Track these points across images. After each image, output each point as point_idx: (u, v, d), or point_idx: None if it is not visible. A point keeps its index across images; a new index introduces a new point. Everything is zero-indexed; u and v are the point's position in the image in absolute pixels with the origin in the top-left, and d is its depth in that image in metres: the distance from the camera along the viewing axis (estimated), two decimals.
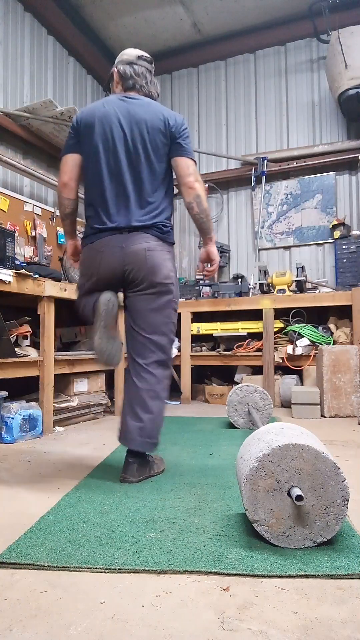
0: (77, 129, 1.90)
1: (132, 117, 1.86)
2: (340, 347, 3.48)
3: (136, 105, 1.89)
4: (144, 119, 1.86)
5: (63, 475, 1.96)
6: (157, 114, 1.88)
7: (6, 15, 3.80)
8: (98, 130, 1.85)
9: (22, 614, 0.96)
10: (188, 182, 1.87)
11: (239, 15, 4.62)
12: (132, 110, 1.87)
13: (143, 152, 1.85)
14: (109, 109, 1.88)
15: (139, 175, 1.85)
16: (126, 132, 1.85)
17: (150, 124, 1.85)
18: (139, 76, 1.97)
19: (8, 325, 2.69)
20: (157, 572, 1.11)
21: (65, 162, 1.93)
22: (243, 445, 1.44)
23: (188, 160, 1.89)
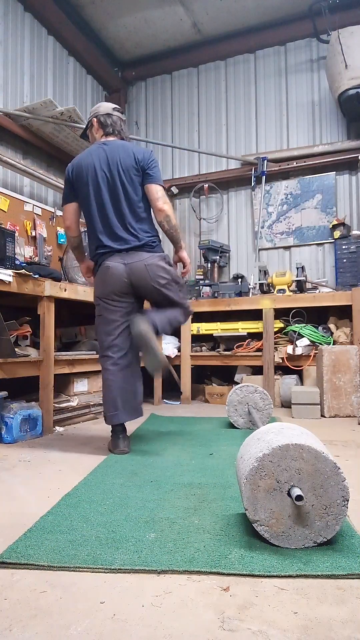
0: (71, 180, 2.40)
1: (110, 160, 2.33)
2: (340, 347, 3.48)
3: (113, 149, 2.35)
4: (119, 159, 2.32)
5: (63, 475, 1.96)
6: (129, 153, 2.34)
7: (6, 15, 3.80)
8: (86, 178, 2.34)
9: (22, 614, 0.96)
10: (157, 205, 2.33)
11: (239, 15, 4.62)
12: (109, 154, 2.34)
13: (121, 187, 2.32)
14: (93, 158, 2.35)
15: (120, 209, 2.33)
16: (107, 174, 2.32)
17: (124, 162, 2.32)
18: (115, 124, 2.44)
19: (8, 325, 2.69)
20: (157, 572, 1.11)
21: (66, 210, 2.48)
22: (243, 445, 1.44)
23: (156, 186, 2.34)
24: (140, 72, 5.36)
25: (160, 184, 2.36)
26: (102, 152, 2.35)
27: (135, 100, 5.51)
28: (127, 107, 5.52)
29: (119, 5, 4.43)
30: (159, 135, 5.34)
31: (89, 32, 4.74)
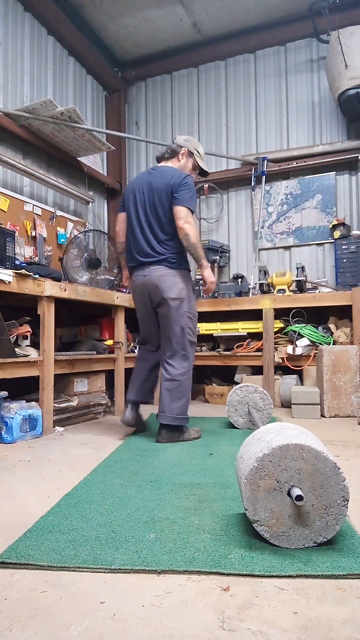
0: (125, 195, 2.82)
1: (151, 185, 2.67)
2: (340, 347, 3.48)
3: (156, 174, 2.70)
4: (157, 185, 2.64)
5: (63, 475, 1.96)
6: (165, 179, 2.63)
7: (6, 15, 3.80)
8: (132, 198, 2.73)
9: (22, 614, 0.96)
10: (178, 224, 2.56)
11: (239, 15, 4.62)
12: (151, 180, 2.69)
13: (153, 210, 2.65)
14: (140, 182, 2.74)
15: (151, 226, 2.65)
16: (145, 198, 2.68)
17: (160, 187, 2.63)
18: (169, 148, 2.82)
19: (8, 325, 2.69)
20: (157, 572, 1.11)
21: (118, 218, 2.87)
22: (243, 445, 1.44)
23: (180, 207, 2.56)
24: (140, 72, 5.36)
25: (184, 206, 2.55)
26: (148, 176, 2.74)
27: (135, 100, 5.50)
28: (127, 107, 5.52)
29: (119, 5, 4.43)
30: (159, 135, 5.34)
31: (89, 32, 4.74)
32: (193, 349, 2.73)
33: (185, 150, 2.78)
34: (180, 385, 2.63)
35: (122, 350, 3.66)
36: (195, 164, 2.82)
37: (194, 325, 2.71)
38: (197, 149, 2.82)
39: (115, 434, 2.85)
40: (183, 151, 2.78)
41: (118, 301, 3.58)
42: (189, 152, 2.79)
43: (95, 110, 5.10)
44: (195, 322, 2.72)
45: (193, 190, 2.64)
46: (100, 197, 5.11)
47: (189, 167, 2.80)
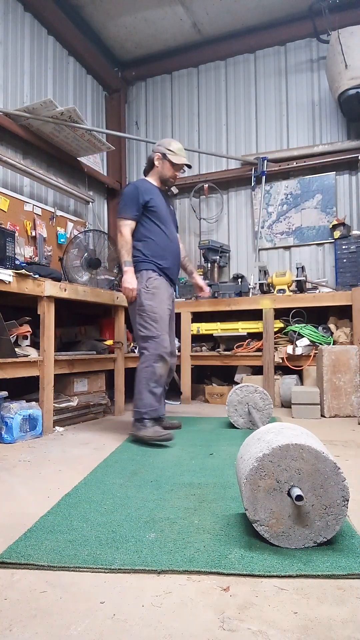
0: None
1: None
2: (340, 347, 3.48)
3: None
4: None
5: (63, 475, 1.96)
6: None
7: (6, 15, 3.80)
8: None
9: (22, 614, 0.96)
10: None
11: (239, 15, 4.62)
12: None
13: None
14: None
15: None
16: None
17: None
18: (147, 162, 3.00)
19: (8, 325, 2.69)
20: (157, 572, 1.11)
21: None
22: (243, 445, 1.44)
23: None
24: (140, 72, 5.35)
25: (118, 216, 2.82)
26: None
27: (135, 100, 5.50)
28: (127, 107, 5.52)
29: (119, 5, 4.43)
30: (159, 135, 5.33)
31: (89, 32, 4.74)
32: (148, 344, 2.69)
33: (158, 155, 2.87)
34: (138, 379, 2.68)
35: (122, 350, 3.66)
36: (171, 163, 2.85)
37: (145, 321, 2.70)
38: (168, 148, 2.84)
39: (115, 434, 2.85)
40: (157, 157, 2.87)
41: (118, 301, 3.58)
42: (161, 156, 2.86)
43: (95, 110, 5.10)
44: (147, 317, 2.69)
45: (126, 198, 2.79)
46: (100, 197, 5.11)
47: (167, 167, 2.86)
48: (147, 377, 2.65)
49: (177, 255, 2.94)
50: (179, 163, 2.87)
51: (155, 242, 2.80)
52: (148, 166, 2.95)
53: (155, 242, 2.80)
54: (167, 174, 2.88)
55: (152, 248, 2.79)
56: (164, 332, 2.70)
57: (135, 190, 2.79)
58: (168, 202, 2.99)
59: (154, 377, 2.64)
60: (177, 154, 2.86)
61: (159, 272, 2.79)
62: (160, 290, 2.76)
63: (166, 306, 2.77)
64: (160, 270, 2.80)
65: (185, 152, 2.91)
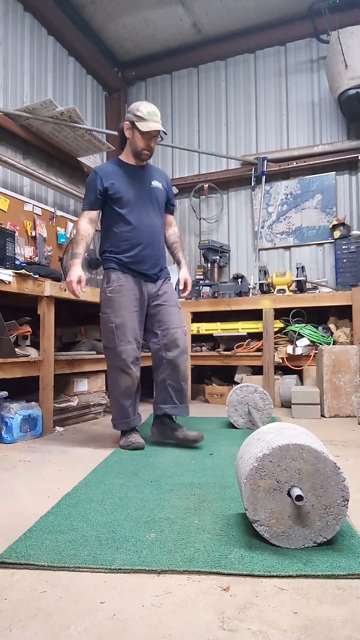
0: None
1: None
2: (340, 347, 3.48)
3: None
4: None
5: (63, 475, 1.96)
6: None
7: (6, 15, 3.80)
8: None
9: (22, 614, 0.96)
10: None
11: (239, 15, 4.62)
12: None
13: None
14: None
15: None
16: None
17: None
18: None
19: (8, 325, 2.69)
20: (157, 572, 1.11)
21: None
22: (243, 445, 1.44)
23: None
24: (140, 72, 5.36)
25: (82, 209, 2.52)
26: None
27: (135, 100, 5.49)
28: (127, 107, 5.51)
29: (119, 5, 4.43)
30: None
31: (89, 32, 4.74)
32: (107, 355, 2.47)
33: (127, 124, 2.40)
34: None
35: None
36: (140, 132, 2.35)
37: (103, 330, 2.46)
38: (135, 114, 2.34)
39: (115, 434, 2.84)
40: (125, 126, 2.41)
41: None
42: (130, 124, 2.38)
43: (95, 110, 5.10)
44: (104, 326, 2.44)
45: (87, 187, 2.49)
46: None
47: (137, 137, 2.38)
48: (111, 388, 2.47)
49: (151, 242, 2.48)
50: (148, 130, 2.34)
51: (116, 234, 2.44)
52: (120, 139, 2.48)
53: (116, 234, 2.44)
54: (139, 144, 2.40)
55: (112, 241, 2.45)
56: (122, 342, 2.38)
57: (94, 177, 2.43)
58: (146, 178, 2.51)
59: (118, 389, 2.44)
60: (147, 119, 2.33)
61: (122, 268, 2.43)
62: (121, 294, 2.40)
63: (130, 311, 2.41)
64: (124, 266, 2.43)
65: (158, 116, 2.37)
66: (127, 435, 2.46)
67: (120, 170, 2.46)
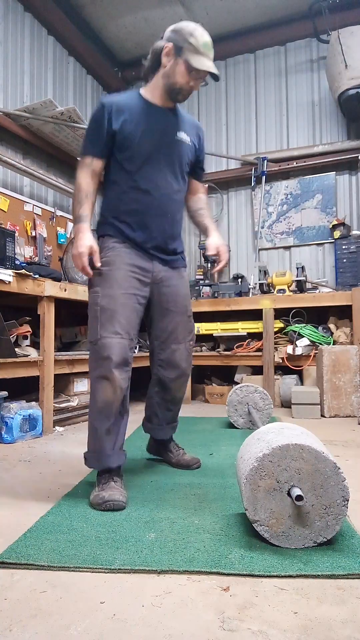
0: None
1: None
2: (340, 347, 3.48)
3: None
4: None
5: (63, 475, 1.96)
6: None
7: (6, 15, 3.80)
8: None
9: (22, 614, 0.96)
10: None
11: (239, 15, 4.62)
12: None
13: None
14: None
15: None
16: None
17: None
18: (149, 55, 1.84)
19: (8, 325, 2.69)
20: (157, 572, 1.11)
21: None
22: (243, 445, 1.44)
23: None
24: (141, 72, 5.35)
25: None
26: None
27: None
28: None
29: (119, 5, 4.42)
30: None
31: (89, 32, 4.74)
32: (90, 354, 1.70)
33: (169, 48, 1.69)
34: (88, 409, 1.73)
35: None
36: (188, 65, 1.67)
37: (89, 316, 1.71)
38: (187, 39, 1.66)
39: None
40: (167, 49, 1.70)
41: None
42: (173, 49, 1.69)
43: None
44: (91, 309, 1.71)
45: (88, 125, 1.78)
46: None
47: (181, 71, 1.70)
48: (89, 404, 1.71)
49: (164, 213, 1.80)
50: (201, 68, 1.67)
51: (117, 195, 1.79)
52: (151, 64, 1.78)
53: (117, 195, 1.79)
54: (178, 80, 1.71)
55: (110, 199, 1.81)
56: (107, 332, 1.65)
57: (100, 112, 1.72)
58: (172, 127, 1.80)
59: (94, 404, 1.67)
60: (201, 52, 1.67)
61: (121, 237, 1.76)
62: (116, 267, 1.72)
63: (125, 290, 1.71)
64: (122, 235, 1.76)
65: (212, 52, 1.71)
66: (102, 484, 1.61)
67: (139, 108, 1.76)
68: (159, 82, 1.77)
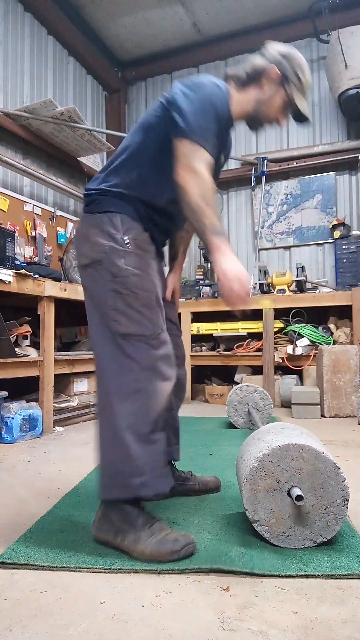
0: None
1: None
2: (340, 347, 3.48)
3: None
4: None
5: (63, 475, 1.96)
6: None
7: (6, 15, 3.80)
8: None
9: (22, 614, 0.96)
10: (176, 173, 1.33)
11: (239, 15, 4.62)
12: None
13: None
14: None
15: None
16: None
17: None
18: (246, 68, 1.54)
19: (8, 325, 2.69)
20: (157, 572, 1.11)
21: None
22: (243, 445, 1.44)
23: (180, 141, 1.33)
24: (140, 72, 5.35)
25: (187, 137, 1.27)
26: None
27: (135, 100, 5.50)
28: (127, 107, 5.52)
29: (119, 5, 4.42)
30: None
31: (89, 32, 4.74)
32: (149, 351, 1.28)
33: (276, 72, 1.47)
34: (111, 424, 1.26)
35: None
36: (287, 99, 1.48)
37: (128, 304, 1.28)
38: (297, 73, 1.49)
39: None
40: (274, 72, 1.47)
41: None
42: (281, 77, 1.47)
43: (95, 110, 5.10)
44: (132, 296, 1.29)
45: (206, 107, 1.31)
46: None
47: (277, 105, 1.48)
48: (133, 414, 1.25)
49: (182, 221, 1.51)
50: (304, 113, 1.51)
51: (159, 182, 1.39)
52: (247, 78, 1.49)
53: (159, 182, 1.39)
54: (271, 113, 1.49)
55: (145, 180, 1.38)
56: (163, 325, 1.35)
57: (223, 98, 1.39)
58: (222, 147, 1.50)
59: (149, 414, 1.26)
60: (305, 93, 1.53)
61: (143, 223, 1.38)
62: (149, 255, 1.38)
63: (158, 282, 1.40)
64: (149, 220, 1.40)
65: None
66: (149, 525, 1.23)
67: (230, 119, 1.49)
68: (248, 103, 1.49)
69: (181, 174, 1.27)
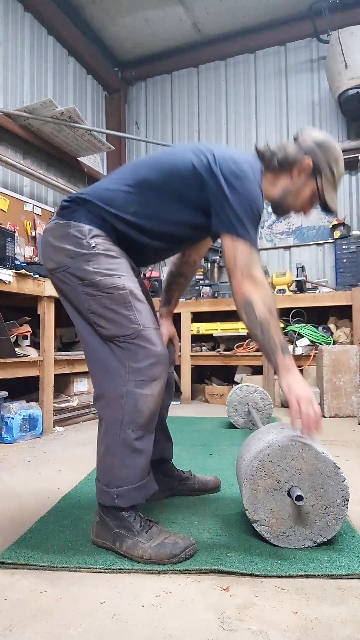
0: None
1: None
2: (340, 347, 3.48)
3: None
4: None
5: (63, 475, 1.96)
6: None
7: (6, 15, 3.80)
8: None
9: (22, 614, 0.96)
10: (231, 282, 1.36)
11: (239, 15, 4.62)
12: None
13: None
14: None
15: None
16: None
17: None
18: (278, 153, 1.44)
19: (8, 325, 2.69)
20: (157, 572, 1.11)
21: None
22: (243, 445, 1.44)
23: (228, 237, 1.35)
24: (140, 72, 5.36)
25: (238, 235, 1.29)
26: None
27: (135, 100, 5.51)
28: (127, 107, 5.52)
29: (119, 5, 4.42)
30: (159, 135, 5.34)
31: (89, 32, 4.74)
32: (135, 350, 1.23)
33: (309, 162, 1.43)
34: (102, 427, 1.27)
35: None
36: (317, 192, 1.48)
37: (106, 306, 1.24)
38: (331, 167, 1.46)
39: None
40: (306, 163, 1.42)
41: None
42: (313, 171, 1.44)
43: (95, 110, 5.10)
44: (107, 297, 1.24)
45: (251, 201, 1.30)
46: None
47: (306, 197, 1.49)
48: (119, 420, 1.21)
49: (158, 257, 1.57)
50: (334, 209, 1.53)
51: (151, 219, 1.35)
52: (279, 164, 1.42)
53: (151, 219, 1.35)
54: (298, 204, 1.51)
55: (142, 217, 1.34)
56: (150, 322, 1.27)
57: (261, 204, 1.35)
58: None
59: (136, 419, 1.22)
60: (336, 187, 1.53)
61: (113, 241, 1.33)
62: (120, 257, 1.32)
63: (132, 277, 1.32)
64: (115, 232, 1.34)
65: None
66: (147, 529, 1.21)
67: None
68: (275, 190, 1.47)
69: (246, 284, 1.26)
